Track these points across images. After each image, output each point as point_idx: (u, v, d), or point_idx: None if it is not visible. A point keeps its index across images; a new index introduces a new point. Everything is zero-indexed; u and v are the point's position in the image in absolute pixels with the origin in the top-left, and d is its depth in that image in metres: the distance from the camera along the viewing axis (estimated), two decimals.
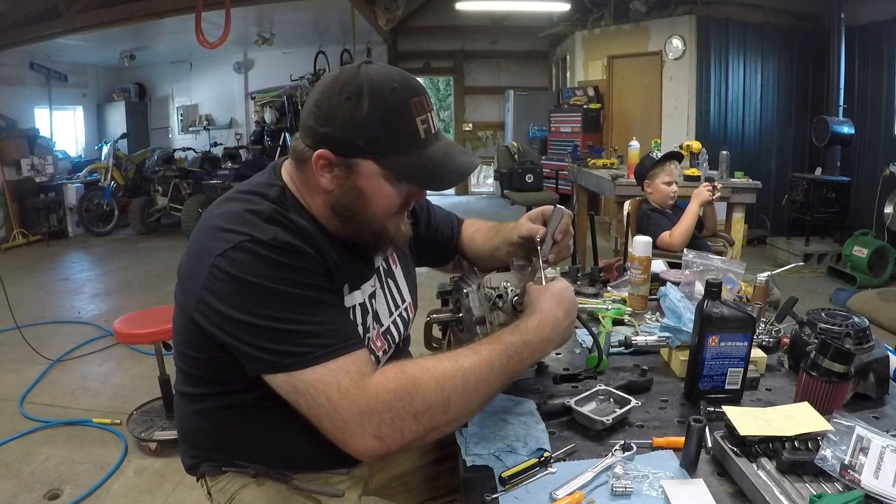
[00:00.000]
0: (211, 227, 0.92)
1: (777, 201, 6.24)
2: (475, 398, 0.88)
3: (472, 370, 0.87)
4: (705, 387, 1.10)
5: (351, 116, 0.90)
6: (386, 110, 0.90)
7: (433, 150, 0.95)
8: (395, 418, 0.83)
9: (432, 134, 0.95)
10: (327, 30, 8.59)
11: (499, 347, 0.91)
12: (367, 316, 1.07)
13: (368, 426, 0.83)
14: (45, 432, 2.73)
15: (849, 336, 1.10)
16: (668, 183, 2.89)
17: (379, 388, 0.83)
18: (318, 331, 0.85)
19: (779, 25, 6.29)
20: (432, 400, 0.84)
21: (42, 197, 6.90)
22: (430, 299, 1.32)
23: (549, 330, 0.96)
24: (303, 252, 0.89)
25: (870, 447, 0.85)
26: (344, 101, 0.90)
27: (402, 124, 0.91)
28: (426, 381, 0.85)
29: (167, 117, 9.85)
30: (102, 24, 6.08)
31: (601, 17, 7.25)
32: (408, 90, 0.92)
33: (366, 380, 0.84)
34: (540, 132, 8.38)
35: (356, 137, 0.90)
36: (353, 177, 0.93)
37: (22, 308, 4.03)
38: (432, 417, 0.84)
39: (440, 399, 0.84)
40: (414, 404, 0.83)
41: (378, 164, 0.92)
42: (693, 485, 0.87)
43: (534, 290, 1.01)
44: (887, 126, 5.41)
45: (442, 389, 0.85)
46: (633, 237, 1.69)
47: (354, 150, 0.91)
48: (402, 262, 1.23)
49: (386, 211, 0.98)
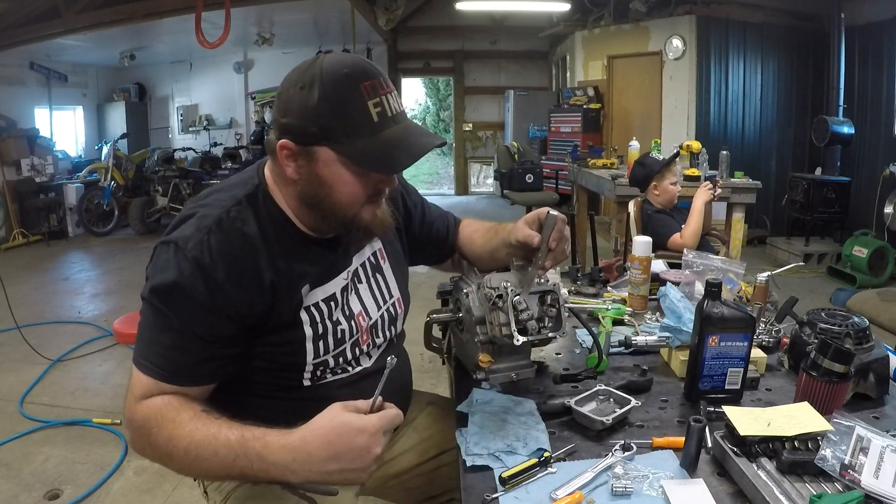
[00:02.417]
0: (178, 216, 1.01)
1: (777, 201, 6.24)
2: (192, 468, 0.90)
3: (199, 445, 0.87)
4: (705, 387, 1.10)
5: (304, 105, 0.91)
6: (335, 96, 0.90)
7: (390, 132, 0.93)
8: (137, 438, 0.93)
9: (389, 117, 0.94)
10: (327, 30, 8.59)
11: (236, 443, 0.86)
12: (335, 309, 1.06)
13: (128, 429, 0.94)
14: (45, 432, 2.73)
15: (849, 336, 1.11)
16: (674, 183, 2.89)
17: (137, 411, 0.92)
18: (153, 350, 0.93)
19: (779, 25, 6.29)
20: (160, 445, 0.90)
21: (42, 197, 6.90)
22: (430, 299, 1.32)
23: (294, 460, 0.84)
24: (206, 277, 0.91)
25: (870, 447, 0.85)
26: (298, 91, 0.92)
27: (353, 109, 0.91)
28: (163, 431, 0.89)
29: (167, 117, 9.84)
30: (102, 24, 6.07)
31: (601, 17, 7.25)
32: (359, 74, 0.92)
33: (142, 400, 0.93)
34: (540, 132, 8.37)
35: (310, 125, 0.92)
36: (313, 165, 0.95)
37: (22, 308, 4.03)
38: (158, 457, 0.91)
39: (164, 450, 0.90)
40: (150, 440, 0.91)
41: (333, 150, 0.93)
42: (693, 485, 0.87)
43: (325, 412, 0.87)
44: (887, 126, 5.41)
45: (168, 444, 0.89)
46: (635, 237, 1.68)
47: (311, 138, 0.93)
48: (392, 257, 1.22)
49: (351, 198, 0.97)
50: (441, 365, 1.61)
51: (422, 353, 1.42)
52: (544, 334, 1.09)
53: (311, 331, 1.01)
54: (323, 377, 1.07)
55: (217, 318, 0.92)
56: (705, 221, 3.09)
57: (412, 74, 10.42)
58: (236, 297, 0.93)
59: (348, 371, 1.10)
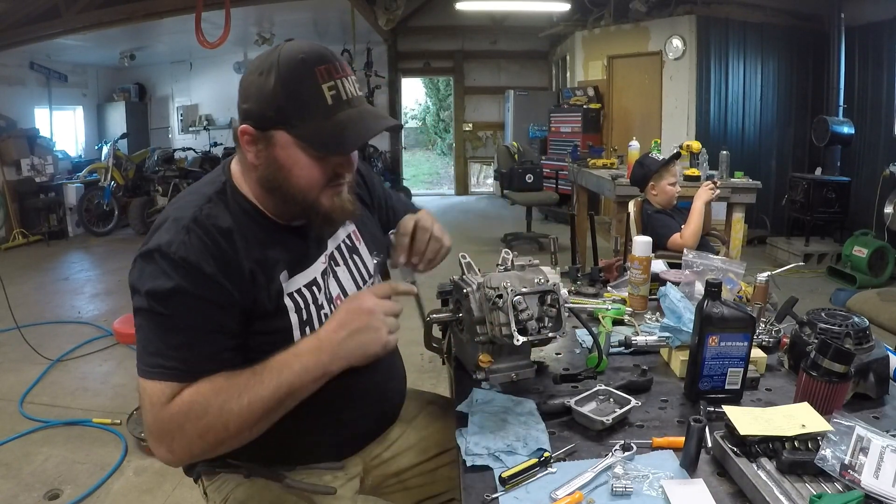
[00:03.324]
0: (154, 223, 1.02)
1: (777, 201, 6.24)
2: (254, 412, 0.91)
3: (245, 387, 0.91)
4: (705, 387, 1.10)
5: (262, 90, 0.94)
6: (290, 80, 0.93)
7: (344, 115, 0.95)
8: (183, 438, 0.91)
9: (344, 100, 0.95)
10: (327, 30, 8.59)
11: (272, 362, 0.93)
12: (319, 293, 1.07)
13: (163, 440, 0.92)
14: (45, 432, 2.73)
15: (849, 336, 1.11)
16: (672, 184, 2.88)
17: (174, 410, 0.91)
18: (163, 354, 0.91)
19: (779, 25, 6.29)
20: (213, 419, 0.90)
21: (42, 197, 6.90)
22: (430, 299, 1.32)
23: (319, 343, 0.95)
24: (196, 273, 0.92)
25: (870, 447, 0.85)
26: (257, 77, 0.95)
27: (307, 92, 0.93)
28: (213, 407, 0.90)
29: (167, 117, 9.84)
30: (102, 24, 6.07)
31: (601, 17, 7.25)
32: (314, 59, 0.94)
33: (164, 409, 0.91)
34: (540, 132, 8.37)
35: (267, 109, 0.94)
36: (271, 149, 0.97)
37: (22, 308, 4.02)
38: (217, 435, 0.91)
39: (221, 419, 0.90)
40: (199, 428, 0.90)
41: (289, 133, 0.95)
42: (693, 485, 0.87)
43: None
44: (887, 126, 5.41)
45: (222, 412, 0.90)
46: (635, 237, 1.68)
47: (268, 122, 0.95)
48: (367, 238, 1.23)
49: (309, 182, 0.99)
50: (441, 365, 1.62)
51: (422, 353, 1.42)
52: (544, 334, 1.09)
53: (296, 318, 1.03)
54: None
55: (217, 309, 0.94)
56: (705, 221, 3.09)
57: (412, 74, 10.43)
58: (228, 287, 0.95)
59: None
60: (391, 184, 8.29)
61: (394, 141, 9.74)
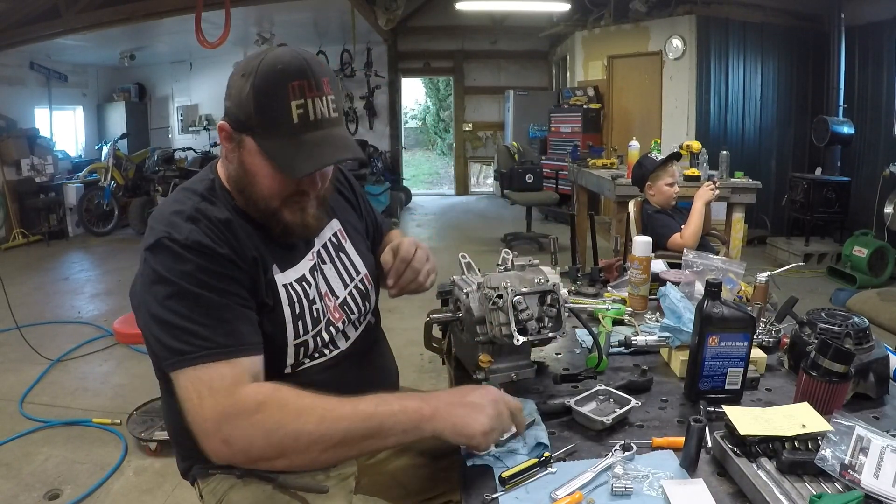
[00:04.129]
0: (149, 223, 0.99)
1: (777, 201, 6.25)
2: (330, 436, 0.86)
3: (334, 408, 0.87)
4: (705, 387, 1.10)
5: (239, 93, 0.95)
6: (263, 90, 0.92)
7: (308, 137, 0.94)
8: (247, 428, 0.85)
9: (311, 121, 0.94)
10: (327, 30, 8.59)
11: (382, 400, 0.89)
12: (310, 289, 1.08)
13: (222, 428, 0.85)
14: (45, 432, 2.73)
15: (849, 336, 1.10)
16: (670, 184, 2.87)
17: (247, 397, 0.86)
18: (207, 333, 0.88)
19: (779, 25, 6.29)
20: (287, 421, 0.85)
21: (42, 197, 6.90)
22: (430, 299, 1.32)
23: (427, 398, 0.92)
24: (212, 253, 0.93)
25: (870, 447, 0.85)
26: (239, 79, 0.96)
27: (276, 105, 0.92)
28: (291, 402, 0.87)
29: (167, 117, 9.84)
30: (102, 24, 6.08)
31: (601, 17, 7.25)
32: (291, 72, 0.92)
33: (238, 387, 0.87)
34: (540, 132, 8.37)
35: (240, 113, 0.95)
36: (241, 152, 0.98)
37: (22, 308, 4.03)
38: (283, 440, 0.85)
39: (295, 423, 0.85)
40: (268, 424, 0.85)
41: (255, 141, 0.96)
42: (693, 485, 0.87)
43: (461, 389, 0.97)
44: (887, 126, 5.41)
45: (299, 414, 0.86)
46: (635, 237, 1.68)
47: (240, 126, 0.96)
48: (354, 236, 1.24)
49: (269, 192, 0.99)
50: (441, 365, 1.61)
51: (422, 353, 1.42)
52: (544, 334, 1.09)
53: (289, 311, 1.03)
54: (302, 362, 1.07)
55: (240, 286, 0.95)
56: (705, 221, 3.09)
57: (412, 74, 10.43)
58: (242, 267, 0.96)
59: (325, 354, 1.11)
60: (391, 184, 8.29)
61: (394, 141, 9.75)
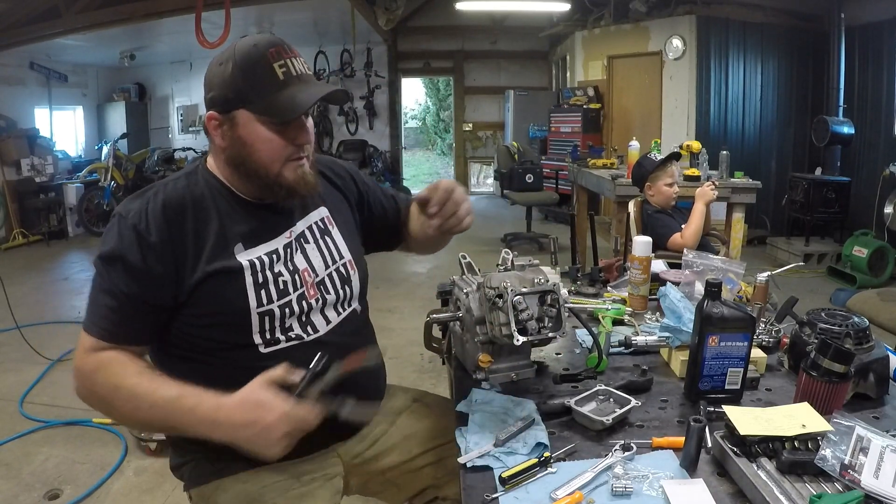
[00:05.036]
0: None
1: (777, 201, 6.24)
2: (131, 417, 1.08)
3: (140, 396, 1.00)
4: (705, 387, 1.10)
5: (222, 77, 1.05)
6: (246, 63, 1.04)
7: (293, 88, 1.06)
8: (82, 386, 1.05)
9: (294, 76, 1.06)
10: (327, 30, 8.59)
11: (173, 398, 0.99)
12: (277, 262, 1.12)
13: (76, 378, 1.05)
14: (45, 432, 2.73)
15: (849, 336, 1.11)
16: (669, 184, 2.87)
17: (84, 364, 1.04)
18: (100, 313, 1.04)
19: (779, 25, 6.29)
20: (104, 394, 1.03)
21: (42, 197, 6.90)
22: (430, 299, 1.32)
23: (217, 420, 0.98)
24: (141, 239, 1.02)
25: (870, 447, 0.85)
26: (217, 67, 1.07)
27: (261, 70, 1.04)
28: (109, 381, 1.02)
29: (167, 117, 9.84)
30: (102, 24, 6.07)
31: (601, 17, 7.25)
32: (265, 44, 1.06)
33: (87, 355, 1.04)
34: (540, 132, 8.37)
35: (228, 92, 1.05)
36: (235, 129, 1.07)
37: (22, 308, 4.02)
38: (101, 404, 1.05)
39: (108, 399, 1.03)
40: (95, 388, 1.03)
41: (248, 110, 1.05)
42: (693, 485, 0.87)
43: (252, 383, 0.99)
44: (887, 126, 5.41)
45: (112, 393, 1.02)
46: (635, 237, 1.68)
47: (229, 104, 1.06)
48: (343, 226, 1.27)
49: (271, 154, 1.07)
50: (441, 365, 1.62)
51: (422, 353, 1.42)
52: (544, 334, 1.09)
53: (251, 278, 1.08)
54: (275, 339, 1.09)
55: (150, 283, 1.03)
56: (705, 221, 3.09)
57: (412, 74, 10.43)
58: (169, 258, 1.04)
59: (303, 338, 1.12)
60: (391, 184, 8.29)
61: (394, 141, 9.75)
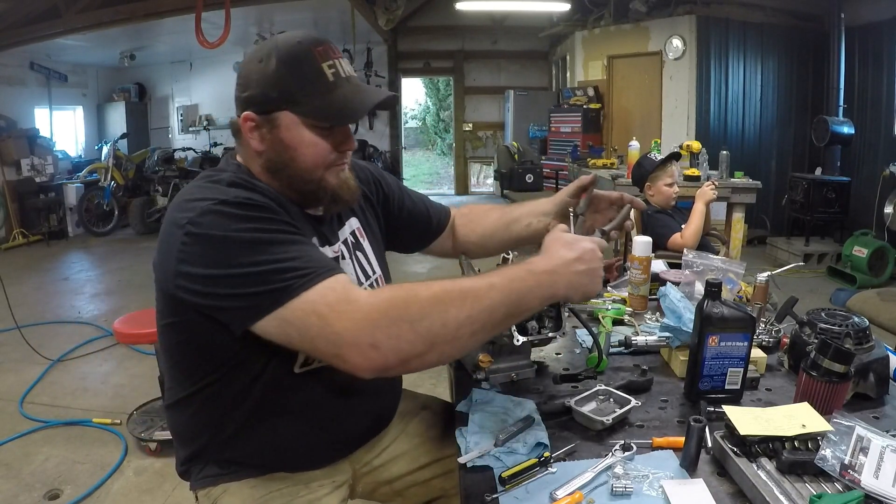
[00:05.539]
0: (176, 204, 0.94)
1: (777, 201, 6.24)
2: (476, 316, 0.84)
3: (471, 287, 0.86)
4: (705, 387, 1.10)
5: (263, 75, 0.96)
6: (292, 61, 0.96)
7: (343, 91, 0.98)
8: (390, 325, 0.81)
9: (342, 77, 0.99)
10: (327, 30, 8.59)
11: (501, 271, 0.91)
12: None
13: (363, 334, 0.81)
14: (45, 432, 2.73)
15: (849, 336, 1.10)
16: (669, 184, 2.87)
17: (371, 297, 0.84)
18: (294, 265, 0.85)
19: (779, 25, 6.29)
20: (429, 309, 0.82)
21: (42, 197, 6.90)
22: None
23: (554, 263, 0.92)
24: (264, 205, 0.92)
25: (870, 447, 0.85)
26: (257, 65, 0.97)
27: (309, 70, 0.96)
28: (423, 292, 0.84)
29: (167, 117, 9.84)
30: (102, 24, 6.07)
31: (601, 17, 7.25)
32: (311, 42, 0.98)
33: (354, 292, 0.85)
34: (540, 132, 8.37)
35: (270, 91, 0.96)
36: (276, 131, 0.98)
37: (22, 308, 4.03)
38: (430, 328, 0.82)
39: (437, 309, 0.82)
40: (410, 311, 0.82)
41: (294, 111, 0.97)
42: (693, 485, 0.87)
43: (547, 237, 0.99)
44: (887, 126, 5.40)
45: (439, 300, 0.83)
46: (635, 237, 1.68)
47: (271, 105, 0.97)
48: (371, 237, 1.23)
49: (315, 160, 1.00)
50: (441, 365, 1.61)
51: None
52: (544, 334, 1.09)
53: None
54: (310, 361, 1.03)
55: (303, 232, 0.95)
56: (705, 221, 3.09)
57: (412, 74, 10.42)
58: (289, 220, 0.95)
59: None
60: None
61: (394, 141, 9.75)
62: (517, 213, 1.33)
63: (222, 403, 1.02)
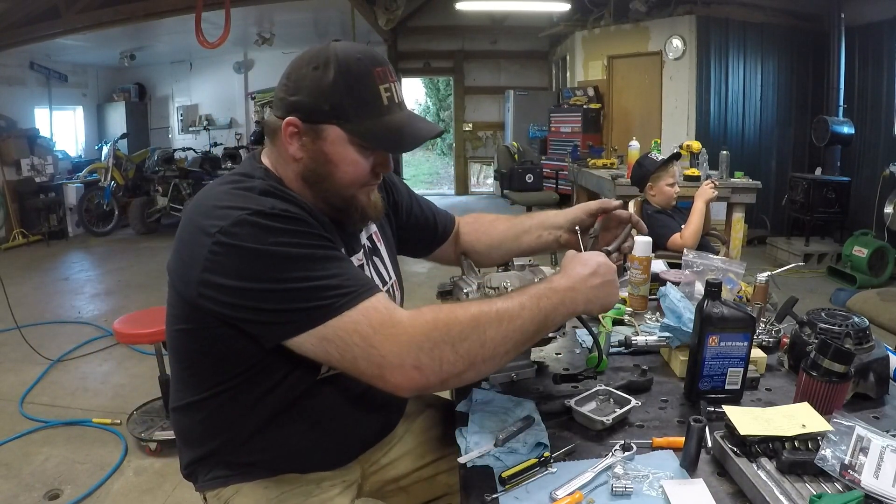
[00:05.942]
0: (203, 209, 0.91)
1: (777, 201, 6.24)
2: (510, 335, 0.88)
3: (506, 308, 0.89)
4: (705, 387, 1.10)
5: (318, 83, 0.94)
6: (350, 77, 0.94)
7: (396, 117, 0.98)
8: (433, 347, 0.84)
9: (396, 103, 0.98)
10: (327, 30, 8.59)
11: (527, 291, 0.94)
12: None
13: (407, 356, 0.83)
14: (45, 432, 2.73)
15: (849, 336, 1.10)
16: (671, 185, 2.87)
17: (414, 319, 0.86)
18: (336, 283, 0.86)
19: (779, 25, 6.29)
20: (469, 331, 0.86)
21: (42, 197, 6.89)
22: (431, 299, 1.32)
23: (572, 280, 0.96)
24: (302, 217, 0.92)
25: (870, 447, 0.85)
26: (311, 71, 0.95)
27: (366, 90, 0.95)
28: (461, 314, 0.87)
29: (167, 117, 9.84)
30: (102, 24, 6.08)
31: (601, 17, 7.25)
32: (371, 60, 0.96)
33: (397, 314, 0.86)
34: (540, 132, 8.37)
35: (322, 103, 0.94)
36: (319, 143, 0.97)
37: (22, 308, 4.02)
38: (470, 349, 0.85)
39: (476, 331, 0.86)
40: (451, 334, 0.85)
41: (343, 128, 0.96)
42: (693, 485, 0.87)
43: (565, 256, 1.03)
44: (887, 126, 5.40)
45: (478, 322, 0.86)
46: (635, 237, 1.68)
47: (321, 116, 0.95)
48: (386, 242, 1.24)
49: (353, 178, 1.00)
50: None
51: None
52: None
53: None
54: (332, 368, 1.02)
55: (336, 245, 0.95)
56: (705, 221, 3.09)
57: (412, 74, 10.42)
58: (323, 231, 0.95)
59: None
60: None
61: None
62: (528, 225, 1.34)
63: (237, 409, 1.01)
